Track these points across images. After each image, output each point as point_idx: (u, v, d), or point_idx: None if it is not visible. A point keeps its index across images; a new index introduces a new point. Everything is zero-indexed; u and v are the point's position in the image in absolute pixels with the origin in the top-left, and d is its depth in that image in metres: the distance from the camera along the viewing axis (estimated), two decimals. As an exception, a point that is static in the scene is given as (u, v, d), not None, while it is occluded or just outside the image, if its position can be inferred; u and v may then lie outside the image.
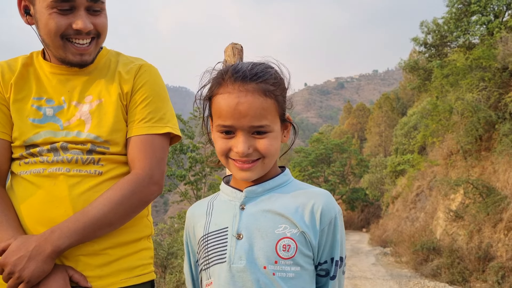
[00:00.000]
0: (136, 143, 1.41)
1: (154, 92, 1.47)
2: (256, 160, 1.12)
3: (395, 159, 25.31)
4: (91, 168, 1.37)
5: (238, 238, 1.12)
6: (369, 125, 42.90)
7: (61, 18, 1.33)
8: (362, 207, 34.66)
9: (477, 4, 15.48)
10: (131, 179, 1.36)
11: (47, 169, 1.34)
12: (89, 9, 1.36)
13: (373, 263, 13.21)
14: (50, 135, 1.38)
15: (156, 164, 1.41)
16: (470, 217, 10.62)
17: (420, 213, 16.26)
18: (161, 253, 7.74)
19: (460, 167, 13.01)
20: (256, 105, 1.07)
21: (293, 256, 1.10)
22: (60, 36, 1.35)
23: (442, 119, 13.31)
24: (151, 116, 1.44)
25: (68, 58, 1.39)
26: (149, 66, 1.52)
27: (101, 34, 1.42)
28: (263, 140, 1.10)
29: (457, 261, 9.54)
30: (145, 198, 1.38)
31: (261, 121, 1.08)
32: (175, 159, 10.82)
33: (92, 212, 1.28)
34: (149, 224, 1.52)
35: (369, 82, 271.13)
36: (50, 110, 1.41)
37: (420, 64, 19.25)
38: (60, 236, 1.24)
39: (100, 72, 1.47)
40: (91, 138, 1.38)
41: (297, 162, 33.24)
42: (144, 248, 1.47)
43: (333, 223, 1.15)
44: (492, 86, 11.58)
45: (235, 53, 2.16)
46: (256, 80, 1.09)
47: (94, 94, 1.44)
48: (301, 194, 1.17)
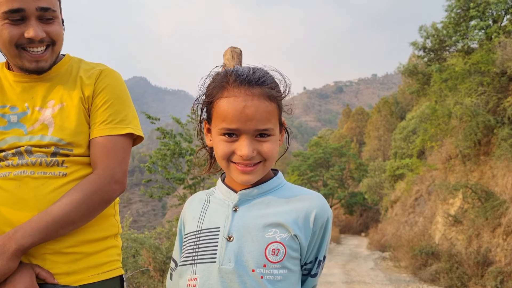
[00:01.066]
0: (98, 144, 1.46)
1: (114, 95, 1.52)
2: (258, 163, 1.14)
3: (394, 163, 25.32)
4: (55, 170, 1.41)
5: (228, 240, 1.13)
6: (368, 129, 42.92)
7: (13, 28, 1.38)
8: (361, 212, 34.61)
9: (476, 9, 15.52)
10: (93, 179, 1.41)
11: (12, 172, 1.39)
12: (41, 18, 1.41)
13: (372, 268, 13.18)
14: (14, 140, 1.43)
15: (117, 164, 1.46)
16: (469, 222, 10.61)
17: (419, 218, 16.24)
18: (159, 257, 7.71)
19: (459, 171, 13.02)
20: (262, 109, 1.10)
21: (282, 260, 1.12)
22: (15, 46, 1.41)
23: (441, 124, 13.33)
24: (112, 118, 1.49)
25: (25, 65, 1.44)
26: (110, 71, 1.57)
27: (56, 41, 1.47)
28: (266, 143, 1.13)
29: (456, 265, 9.53)
30: (106, 196, 1.42)
31: (266, 125, 1.11)
32: (173, 163, 10.80)
33: (55, 211, 1.32)
34: (116, 223, 1.57)
35: (368, 86, 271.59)
36: (14, 116, 1.46)
37: (419, 69, 19.28)
38: (23, 235, 1.28)
39: (62, 78, 1.53)
40: (54, 141, 1.42)
41: (295, 166, 33.20)
42: (111, 246, 1.51)
43: (324, 226, 1.18)
44: (490, 91, 11.60)
45: (234, 57, 2.15)
46: (261, 84, 1.12)
47: (56, 98, 1.49)
48: (295, 198, 1.19)
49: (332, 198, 32.87)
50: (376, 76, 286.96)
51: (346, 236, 29.86)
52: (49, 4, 1.41)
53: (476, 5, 15.55)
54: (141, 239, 8.21)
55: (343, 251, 19.31)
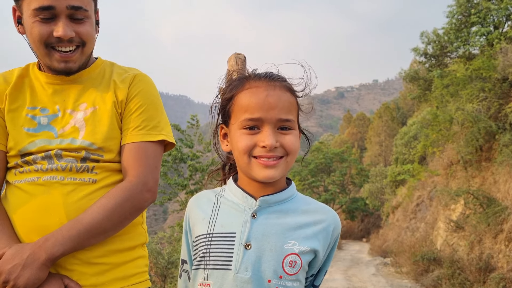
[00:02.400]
0: (130, 150, 1.42)
1: (148, 100, 1.49)
2: (280, 158, 1.12)
3: (395, 168, 25.27)
4: (85, 176, 1.37)
5: (246, 247, 1.10)
6: (369, 134, 42.90)
7: (43, 26, 1.35)
8: (362, 217, 34.52)
9: (477, 15, 15.56)
10: (125, 186, 1.37)
11: (41, 178, 1.35)
12: (71, 17, 1.37)
13: (373, 274, 13.14)
14: (44, 143, 1.39)
15: (149, 172, 1.42)
16: (470, 228, 10.59)
17: (420, 223, 16.21)
18: (161, 262, 7.70)
19: (460, 177, 13.00)
20: (285, 98, 1.12)
21: (297, 272, 1.11)
22: (44, 44, 1.37)
23: (442, 129, 13.33)
24: (145, 124, 1.45)
25: (53, 65, 1.41)
26: (143, 75, 1.54)
27: (86, 43, 1.42)
28: (288, 136, 1.12)
29: (457, 272, 9.49)
30: (138, 205, 1.38)
31: (288, 115, 1.11)
32: (175, 168, 10.82)
33: (86, 219, 1.28)
34: (144, 232, 1.52)
35: (369, 91, 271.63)
36: (44, 119, 1.43)
37: (420, 74, 19.29)
38: (54, 243, 1.24)
39: (94, 81, 1.49)
40: (85, 145, 1.39)
41: (297, 171, 33.15)
42: (139, 256, 1.47)
43: (336, 239, 1.19)
44: (492, 97, 11.61)
45: (238, 63, 2.16)
46: (279, 79, 1.16)
47: (89, 101, 1.45)
48: (312, 210, 1.18)
49: (333, 204, 32.79)
50: (377, 82, 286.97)
51: (348, 241, 29.76)
52: (81, 3, 1.37)
53: (477, 11, 15.59)
54: (143, 244, 8.19)
55: (344, 256, 19.25)
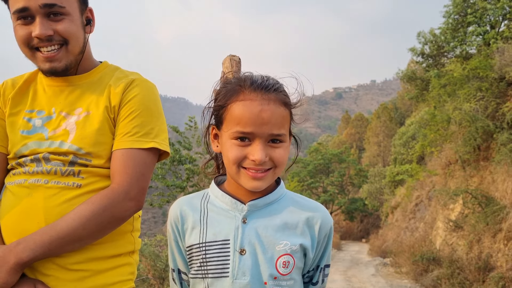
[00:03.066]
0: (117, 157, 1.38)
1: (142, 106, 1.43)
2: (268, 170, 1.12)
3: (394, 169, 25.30)
4: (69, 180, 1.34)
5: (241, 253, 1.11)
6: (367, 135, 42.93)
7: (23, 28, 1.35)
8: (361, 218, 34.52)
9: (473, 15, 15.60)
10: (105, 194, 1.32)
11: (28, 180, 1.35)
12: (48, 15, 1.35)
13: (373, 274, 13.14)
14: (35, 146, 1.38)
15: (135, 180, 1.35)
16: (469, 227, 10.59)
17: (419, 223, 16.22)
18: (159, 264, 7.68)
19: (458, 176, 13.02)
20: (278, 114, 1.11)
21: (291, 271, 1.13)
22: (28, 47, 1.37)
23: (440, 129, 13.35)
24: (136, 130, 1.40)
25: (40, 66, 1.40)
26: (142, 80, 1.49)
27: (68, 40, 1.39)
28: (278, 149, 1.12)
29: (457, 271, 9.49)
30: (118, 214, 1.32)
31: (280, 130, 1.11)
32: (172, 170, 10.81)
33: (60, 226, 1.25)
34: (133, 240, 1.47)
35: (367, 92, 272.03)
36: (39, 120, 1.42)
37: (417, 74, 19.33)
38: (24, 248, 1.22)
39: (92, 86, 1.47)
40: (73, 149, 1.36)
41: (295, 173, 33.16)
42: (125, 263, 1.42)
43: (327, 236, 1.20)
44: (489, 96, 11.62)
45: (233, 65, 2.16)
46: (276, 91, 1.13)
47: (84, 106, 1.43)
48: (299, 208, 1.19)
49: (332, 205, 32.80)
50: (375, 82, 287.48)
51: (347, 242, 29.76)
52: (56, 0, 1.34)
53: (473, 11, 15.63)
54: (141, 247, 8.19)
55: (344, 257, 19.24)
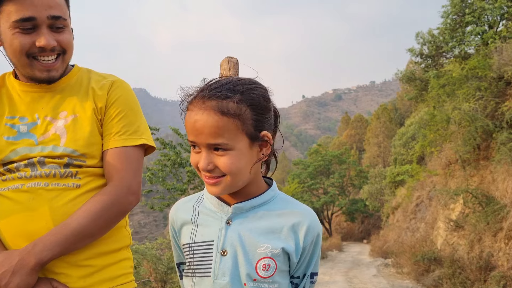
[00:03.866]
0: (112, 155, 1.45)
1: (127, 106, 1.52)
2: (221, 176, 1.12)
3: (394, 169, 25.30)
4: (69, 182, 1.39)
5: (222, 254, 1.14)
6: (367, 136, 42.93)
7: (24, 37, 1.36)
8: (362, 218, 34.51)
9: (471, 15, 15.62)
10: (110, 191, 1.40)
11: (25, 184, 1.36)
12: (51, 26, 1.39)
13: (375, 275, 13.13)
14: (26, 151, 1.40)
15: (133, 175, 1.45)
16: (470, 227, 10.60)
17: (420, 224, 16.21)
18: (161, 267, 7.70)
19: (459, 176, 13.02)
20: (210, 124, 1.07)
21: (272, 275, 1.13)
22: (26, 55, 1.39)
23: (439, 129, 13.36)
24: (125, 129, 1.48)
25: (36, 75, 1.42)
26: (121, 81, 1.57)
27: (66, 50, 1.45)
28: (222, 157, 1.10)
29: (458, 271, 9.49)
30: (123, 208, 1.42)
31: (216, 139, 1.08)
32: (174, 173, 10.81)
33: (73, 224, 1.31)
34: (128, 234, 1.56)
35: (367, 93, 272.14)
36: (24, 127, 1.44)
37: (416, 75, 19.34)
38: (42, 249, 1.26)
39: (72, 89, 1.51)
40: (67, 152, 1.41)
41: (296, 174, 33.17)
42: (125, 258, 1.50)
43: (314, 242, 1.19)
44: (488, 96, 11.64)
45: (230, 67, 2.18)
46: (218, 98, 1.08)
47: (69, 109, 1.47)
48: (287, 212, 1.18)
49: (333, 206, 32.78)
50: (374, 83, 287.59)
51: (348, 243, 29.74)
52: (60, 13, 1.40)
53: (471, 11, 15.65)
54: (142, 250, 8.20)
55: (345, 258, 19.23)
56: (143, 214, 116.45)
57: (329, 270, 14.46)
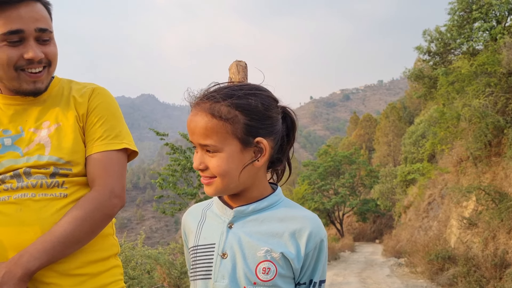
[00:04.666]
0: (95, 160, 1.46)
1: (108, 112, 1.53)
2: (214, 177, 1.15)
3: (405, 168, 25.16)
4: (56, 191, 1.39)
5: (222, 257, 1.15)
6: (376, 135, 42.76)
7: (12, 50, 1.38)
8: (374, 218, 34.33)
9: (479, 10, 15.51)
10: (93, 195, 1.40)
11: (12, 196, 1.35)
12: (38, 39, 1.41)
13: (388, 275, 13.05)
14: (11, 163, 1.40)
15: (116, 179, 1.46)
16: (484, 224, 10.50)
17: (433, 222, 16.09)
18: (174, 272, 7.72)
19: (471, 173, 12.91)
20: (201, 125, 1.12)
21: (273, 278, 1.13)
22: (14, 68, 1.40)
23: (450, 126, 13.25)
24: (107, 134, 1.50)
25: (23, 87, 1.44)
26: (101, 89, 1.59)
27: (51, 62, 1.47)
28: (212, 158, 1.14)
29: (473, 269, 9.39)
30: (108, 211, 1.42)
31: (205, 140, 1.13)
32: (184, 178, 10.86)
33: (58, 231, 1.30)
34: (116, 242, 1.56)
35: (375, 92, 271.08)
36: (8, 139, 1.44)
37: (425, 73, 19.23)
38: (29, 258, 1.25)
39: (54, 99, 1.52)
40: (53, 160, 1.41)
41: (306, 176, 33.12)
42: (114, 265, 1.50)
43: (318, 248, 1.17)
44: (498, 91, 11.54)
45: (239, 71, 2.18)
46: (211, 100, 1.12)
47: (51, 119, 1.48)
48: (289, 218, 1.18)
49: (344, 206, 32.66)
50: (382, 82, 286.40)
51: (361, 243, 29.59)
52: (47, 25, 1.42)
53: (478, 6, 15.54)
54: (155, 256, 8.23)
55: (358, 259, 19.14)
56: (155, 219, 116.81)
57: (342, 271, 14.40)
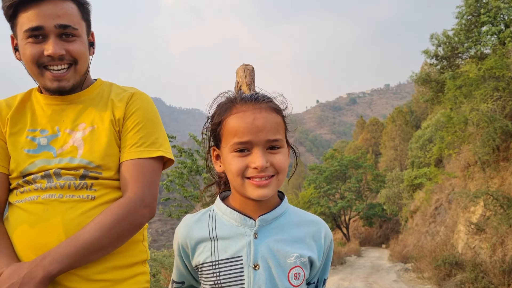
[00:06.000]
0: (127, 167, 1.44)
1: (145, 118, 1.51)
2: (271, 177, 1.14)
3: (412, 172, 25.02)
4: (83, 193, 1.38)
5: (255, 268, 1.14)
6: (383, 139, 42.60)
7: (35, 46, 1.40)
8: (380, 223, 34.15)
9: (487, 14, 15.45)
10: (122, 203, 1.38)
11: (40, 196, 1.37)
12: (61, 35, 1.41)
13: (395, 280, 12.95)
14: (44, 164, 1.41)
15: (147, 188, 1.42)
16: (492, 230, 10.40)
17: (440, 227, 15.97)
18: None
19: (478, 178, 12.81)
20: (271, 120, 1.14)
21: (301, 283, 1.17)
22: (37, 65, 1.41)
23: (457, 131, 13.17)
24: (143, 140, 1.47)
25: (47, 85, 1.44)
26: (141, 93, 1.57)
27: (77, 60, 1.45)
28: (277, 155, 1.15)
29: (481, 275, 9.30)
30: (136, 221, 1.39)
31: (275, 135, 1.14)
32: (190, 181, 10.87)
33: (83, 236, 1.29)
34: (144, 249, 1.53)
35: (381, 96, 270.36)
36: (44, 139, 1.45)
37: (432, 77, 19.16)
38: (51, 261, 1.24)
39: (93, 101, 1.52)
40: (83, 163, 1.41)
41: (312, 179, 33.04)
42: (140, 272, 1.47)
43: (329, 247, 1.25)
44: (506, 96, 11.45)
45: (246, 74, 2.17)
46: (265, 100, 1.18)
47: (87, 121, 1.48)
48: (303, 222, 1.24)
49: (350, 211, 32.52)
50: (389, 86, 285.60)
51: (367, 248, 29.42)
52: (69, 22, 1.41)
53: (487, 10, 15.48)
54: (161, 259, 8.22)
55: (364, 263, 19.02)
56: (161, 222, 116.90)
57: (348, 276, 14.31)
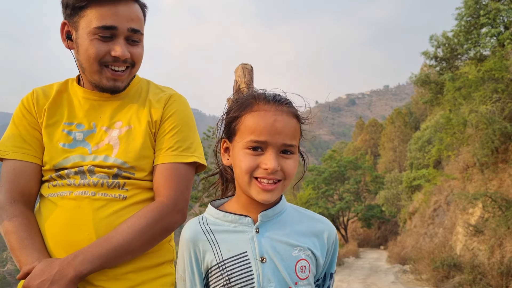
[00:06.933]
0: (162, 171, 1.44)
1: (182, 121, 1.51)
2: (278, 181, 1.15)
3: (411, 174, 25.03)
4: (115, 192, 1.39)
5: (262, 261, 1.14)
6: (382, 140, 42.62)
7: (101, 44, 1.39)
8: (378, 224, 34.14)
9: (486, 16, 15.46)
10: (155, 207, 1.38)
11: (73, 192, 1.38)
12: (128, 38, 1.42)
13: (393, 281, 12.94)
14: (78, 160, 1.42)
15: (180, 193, 1.43)
16: (490, 232, 10.39)
17: (438, 229, 15.97)
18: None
19: (477, 180, 12.81)
20: (291, 125, 1.15)
21: (308, 276, 1.17)
22: (99, 62, 1.41)
23: (456, 132, 13.18)
24: (178, 145, 1.47)
25: (102, 83, 1.44)
26: (178, 96, 1.56)
27: (135, 64, 1.48)
28: (289, 160, 1.15)
29: (479, 277, 9.30)
30: (168, 226, 1.40)
31: (292, 141, 1.15)
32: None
33: (116, 238, 1.30)
34: (172, 249, 1.53)
35: (381, 97, 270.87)
36: (80, 134, 1.46)
37: (431, 78, 19.19)
38: (83, 261, 1.25)
39: (131, 99, 1.52)
40: (118, 163, 1.41)
41: (310, 180, 33.03)
42: (166, 273, 1.47)
43: (334, 243, 1.26)
44: (505, 98, 11.46)
45: (245, 73, 2.16)
46: (288, 104, 1.18)
47: (124, 120, 1.48)
48: (305, 218, 1.25)
49: (349, 212, 32.52)
50: (388, 87, 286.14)
51: (365, 249, 29.42)
52: (139, 27, 1.44)
53: (486, 12, 15.49)
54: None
55: (362, 265, 19.01)
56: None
57: (346, 277, 14.30)
